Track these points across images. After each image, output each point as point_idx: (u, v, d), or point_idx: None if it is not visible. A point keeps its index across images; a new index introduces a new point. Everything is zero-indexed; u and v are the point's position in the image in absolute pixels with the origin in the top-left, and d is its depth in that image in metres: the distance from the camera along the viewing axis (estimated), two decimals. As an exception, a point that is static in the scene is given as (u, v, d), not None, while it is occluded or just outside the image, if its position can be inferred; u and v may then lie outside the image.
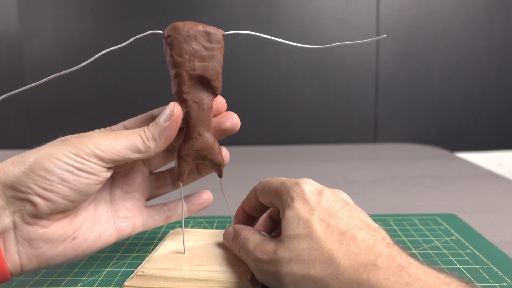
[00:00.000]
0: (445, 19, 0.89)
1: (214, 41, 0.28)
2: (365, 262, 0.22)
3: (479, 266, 0.33)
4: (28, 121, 0.93)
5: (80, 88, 0.92)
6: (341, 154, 0.82)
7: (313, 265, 0.24)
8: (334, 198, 0.28)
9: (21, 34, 0.90)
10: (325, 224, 0.25)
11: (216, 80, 0.29)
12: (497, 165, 0.95)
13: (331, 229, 0.25)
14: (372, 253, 0.23)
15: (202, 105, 0.29)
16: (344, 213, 0.26)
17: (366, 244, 0.24)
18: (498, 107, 0.93)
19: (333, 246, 0.24)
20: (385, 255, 0.22)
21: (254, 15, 0.88)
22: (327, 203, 0.27)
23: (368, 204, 0.50)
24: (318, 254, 0.24)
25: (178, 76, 0.28)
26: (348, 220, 0.26)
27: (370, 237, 0.24)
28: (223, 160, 0.31)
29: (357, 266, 0.22)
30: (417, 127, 0.93)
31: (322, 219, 0.26)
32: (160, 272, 0.29)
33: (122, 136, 0.27)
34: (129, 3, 0.89)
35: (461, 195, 0.53)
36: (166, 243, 0.35)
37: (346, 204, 0.28)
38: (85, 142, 0.26)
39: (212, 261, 0.31)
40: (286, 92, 0.92)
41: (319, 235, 0.25)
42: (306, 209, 0.27)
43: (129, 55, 0.89)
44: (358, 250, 0.23)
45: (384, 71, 0.91)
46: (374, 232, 0.25)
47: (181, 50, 0.27)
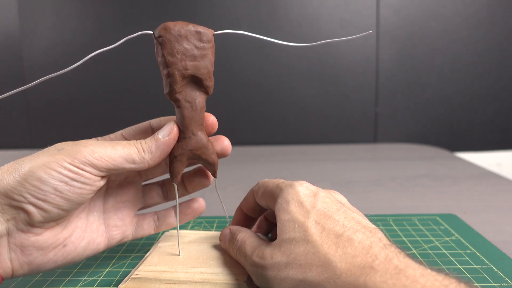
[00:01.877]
0: (445, 19, 0.89)
1: (205, 41, 0.28)
2: (362, 265, 0.22)
3: (479, 266, 0.33)
4: (28, 121, 0.93)
5: (80, 88, 0.92)
6: (341, 154, 0.82)
7: (310, 269, 0.24)
8: (329, 200, 0.28)
9: (21, 34, 0.90)
10: (320, 227, 0.25)
11: (208, 79, 0.29)
12: (497, 165, 0.95)
13: (327, 232, 0.25)
14: (369, 256, 0.23)
15: (194, 105, 0.29)
16: (339, 215, 0.26)
17: (363, 246, 0.23)
18: (498, 107, 0.93)
19: (330, 250, 0.24)
20: (382, 257, 0.22)
21: (254, 15, 0.88)
22: (322, 206, 0.27)
23: (368, 204, 0.50)
24: (314, 258, 0.24)
25: (170, 76, 0.28)
26: (344, 222, 0.26)
27: (366, 239, 0.24)
28: (217, 160, 0.31)
29: (354, 270, 0.22)
30: (417, 127, 0.93)
31: (318, 222, 0.26)
32: (155, 274, 0.29)
33: (119, 146, 0.28)
34: (129, 3, 0.89)
35: (461, 195, 0.53)
36: (161, 245, 0.34)
37: (341, 205, 0.28)
38: (80, 150, 0.26)
39: (208, 263, 0.31)
40: (286, 92, 0.92)
41: (315, 238, 0.25)
42: (301, 212, 0.27)
43: (130, 55, 0.89)
44: (355, 253, 0.23)
45: (384, 71, 0.91)
46: (370, 233, 0.25)
47: (172, 50, 0.27)
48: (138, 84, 0.91)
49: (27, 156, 0.26)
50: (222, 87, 0.91)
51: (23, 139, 0.94)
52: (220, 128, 0.94)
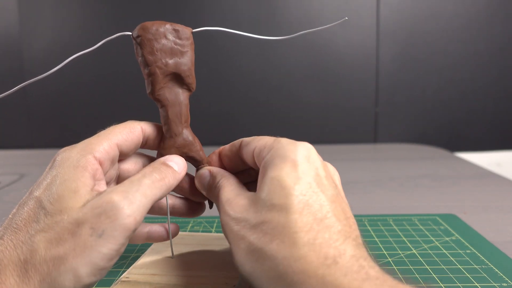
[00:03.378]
0: (445, 19, 0.89)
1: (183, 38, 0.28)
2: (325, 256, 0.21)
3: (479, 266, 0.33)
4: (28, 121, 0.93)
5: (80, 88, 0.92)
6: (341, 154, 0.82)
7: (271, 241, 0.22)
8: (325, 174, 0.25)
9: (21, 34, 0.90)
10: (304, 202, 0.22)
11: (189, 76, 0.29)
12: (497, 165, 0.95)
13: (308, 210, 0.22)
14: (338, 250, 0.21)
15: (178, 102, 0.29)
16: (328, 197, 0.23)
17: (336, 238, 0.21)
18: (498, 107, 0.93)
19: (301, 229, 0.21)
20: (348, 256, 0.21)
21: (254, 15, 0.88)
22: (316, 178, 0.24)
23: (368, 204, 0.50)
24: (281, 231, 0.22)
25: (151, 75, 0.28)
26: (330, 207, 0.23)
27: (343, 232, 0.22)
28: (205, 156, 0.30)
29: (315, 259, 0.20)
30: (417, 127, 0.93)
31: (304, 194, 0.23)
32: (145, 277, 0.29)
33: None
34: (129, 3, 0.89)
35: (461, 195, 0.53)
36: (154, 248, 0.34)
37: (335, 187, 0.25)
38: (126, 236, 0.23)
39: (199, 266, 0.30)
40: (286, 92, 0.92)
41: (293, 211, 0.22)
42: (292, 175, 0.23)
43: (130, 55, 0.89)
44: (325, 242, 0.21)
45: (384, 71, 0.91)
46: (349, 228, 0.23)
47: (152, 49, 0.27)
48: (139, 84, 0.91)
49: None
50: (222, 87, 0.91)
51: (23, 139, 0.94)
52: (220, 128, 0.94)
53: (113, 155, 0.27)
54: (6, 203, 0.54)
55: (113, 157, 0.27)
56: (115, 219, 0.21)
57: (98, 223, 0.21)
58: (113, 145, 0.26)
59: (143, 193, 0.23)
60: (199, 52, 1.01)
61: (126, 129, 0.28)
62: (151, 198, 0.24)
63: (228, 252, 0.32)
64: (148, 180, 0.24)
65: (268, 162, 0.25)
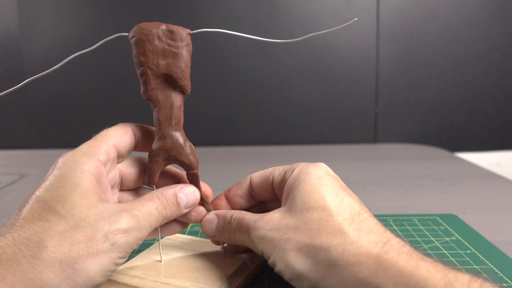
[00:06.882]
0: (445, 19, 0.89)
1: (178, 39, 0.28)
2: (375, 241, 0.22)
3: (479, 266, 0.33)
4: (28, 121, 0.93)
5: (80, 88, 0.92)
6: (341, 154, 0.82)
7: (319, 235, 0.23)
8: (345, 185, 0.27)
9: (21, 34, 0.90)
10: (340, 199, 0.25)
11: (182, 78, 0.28)
12: (497, 165, 0.95)
13: (345, 206, 0.24)
14: (384, 236, 0.22)
15: (170, 104, 0.28)
16: (355, 198, 0.26)
17: (378, 228, 0.23)
18: (498, 107, 0.93)
19: (345, 221, 0.23)
20: (395, 242, 0.22)
21: (254, 16, 0.88)
22: (340, 186, 0.26)
23: (368, 204, 0.50)
24: (327, 225, 0.23)
25: (143, 75, 0.28)
26: (359, 206, 0.25)
27: (380, 224, 0.24)
28: (196, 161, 0.30)
29: (366, 243, 0.22)
30: (417, 127, 0.93)
31: (336, 195, 0.25)
32: (125, 279, 0.28)
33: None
34: (129, 4, 0.89)
35: (461, 195, 0.53)
36: (151, 249, 0.34)
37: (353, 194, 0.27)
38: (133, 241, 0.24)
39: (182, 274, 0.29)
40: (286, 92, 0.92)
41: (332, 208, 0.24)
42: (321, 184, 0.26)
43: (130, 55, 0.89)
44: (370, 230, 0.23)
45: (384, 71, 0.91)
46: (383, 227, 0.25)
47: (144, 49, 0.27)
48: (138, 85, 0.91)
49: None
50: (222, 87, 0.91)
51: (23, 139, 0.94)
52: (220, 128, 0.94)
53: (113, 157, 0.27)
54: (6, 203, 0.53)
55: (113, 159, 0.27)
56: (127, 236, 0.23)
57: (112, 234, 0.23)
58: (112, 147, 0.27)
59: (150, 223, 0.25)
60: (199, 53, 1.01)
61: (119, 131, 0.28)
62: (155, 226, 0.26)
63: (223, 260, 0.31)
64: (156, 212, 0.26)
65: (293, 180, 0.27)
